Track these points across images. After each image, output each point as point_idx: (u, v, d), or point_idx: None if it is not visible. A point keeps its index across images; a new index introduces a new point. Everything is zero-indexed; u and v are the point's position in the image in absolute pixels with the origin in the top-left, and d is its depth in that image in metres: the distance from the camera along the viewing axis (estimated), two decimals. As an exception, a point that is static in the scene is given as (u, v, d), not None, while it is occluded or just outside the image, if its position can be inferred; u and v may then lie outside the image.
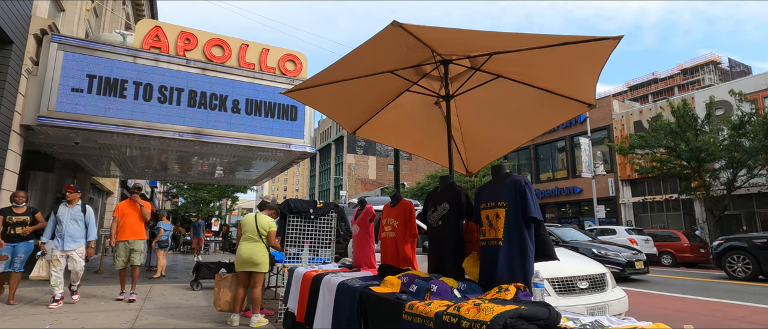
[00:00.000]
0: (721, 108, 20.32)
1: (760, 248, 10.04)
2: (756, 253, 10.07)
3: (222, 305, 5.14)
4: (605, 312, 4.16)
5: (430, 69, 3.43)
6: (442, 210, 3.10)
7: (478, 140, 4.00)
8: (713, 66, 62.15)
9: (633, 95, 66.65)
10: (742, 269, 10.43)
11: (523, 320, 1.71)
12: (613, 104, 27.51)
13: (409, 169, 59.94)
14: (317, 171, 76.05)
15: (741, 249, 10.41)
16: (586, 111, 3.17)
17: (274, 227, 5.09)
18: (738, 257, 10.56)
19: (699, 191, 18.55)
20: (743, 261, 10.47)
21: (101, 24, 12.44)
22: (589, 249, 10.17)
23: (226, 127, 8.29)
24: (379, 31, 2.41)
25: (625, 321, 1.84)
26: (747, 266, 10.36)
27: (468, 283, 2.58)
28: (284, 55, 9.19)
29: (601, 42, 2.34)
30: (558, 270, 4.26)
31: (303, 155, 9.37)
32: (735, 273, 10.62)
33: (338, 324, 2.96)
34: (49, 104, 7.04)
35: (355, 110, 3.86)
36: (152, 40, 8.07)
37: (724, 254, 10.95)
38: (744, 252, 10.43)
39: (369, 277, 3.31)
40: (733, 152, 16.65)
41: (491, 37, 2.58)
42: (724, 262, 10.91)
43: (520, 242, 2.49)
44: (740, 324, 5.56)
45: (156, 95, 7.80)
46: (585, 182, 25.99)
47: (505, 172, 2.74)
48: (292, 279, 4.21)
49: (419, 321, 2.09)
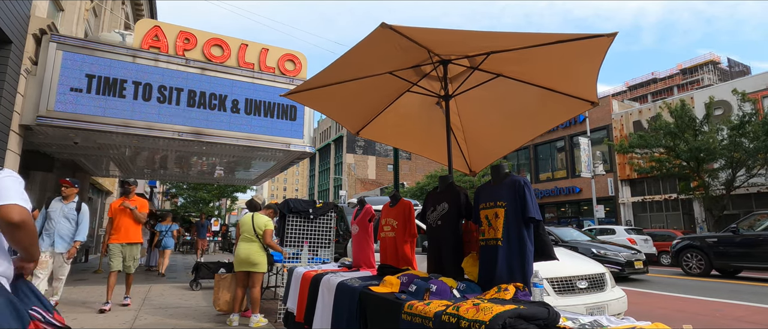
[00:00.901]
0: (720, 108, 20.34)
1: (711, 246, 10.73)
2: (708, 251, 10.78)
3: (221, 305, 5.16)
4: (604, 312, 4.17)
5: (429, 69, 3.43)
6: (442, 210, 3.10)
7: (481, 139, 4.00)
8: (712, 66, 62.21)
9: (632, 95, 66.71)
10: (696, 265, 11.15)
11: (522, 320, 1.71)
12: (612, 103, 27.53)
13: (409, 169, 59.94)
14: (317, 171, 76.05)
15: (695, 247, 11.17)
16: (588, 109, 3.17)
17: (270, 226, 5.10)
18: (692, 255, 11.23)
19: (698, 191, 18.57)
20: (696, 258, 11.13)
21: (100, 24, 12.43)
22: (588, 249, 10.18)
23: (225, 127, 8.28)
24: (368, 34, 2.41)
25: (624, 320, 1.85)
26: (700, 263, 11.04)
27: (467, 283, 2.58)
28: (284, 55, 9.19)
29: (597, 39, 2.35)
30: (557, 269, 4.26)
31: (302, 155, 9.37)
32: (690, 270, 11.20)
33: (337, 324, 2.96)
34: (48, 104, 7.03)
35: (356, 111, 3.87)
36: (151, 39, 8.07)
37: (680, 252, 11.56)
38: (697, 250, 11.10)
39: (368, 277, 3.31)
40: (732, 152, 16.66)
41: (488, 36, 2.58)
42: (681, 259, 11.56)
43: (519, 242, 2.49)
44: (740, 324, 5.56)
45: (155, 94, 7.79)
46: (584, 181, 26.01)
47: (505, 172, 2.74)
48: (291, 278, 4.21)
49: (418, 320, 2.09)
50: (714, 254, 10.69)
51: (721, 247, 10.60)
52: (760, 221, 10.80)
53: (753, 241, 10.07)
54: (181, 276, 9.77)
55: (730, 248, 10.43)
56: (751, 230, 10.57)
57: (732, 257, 10.36)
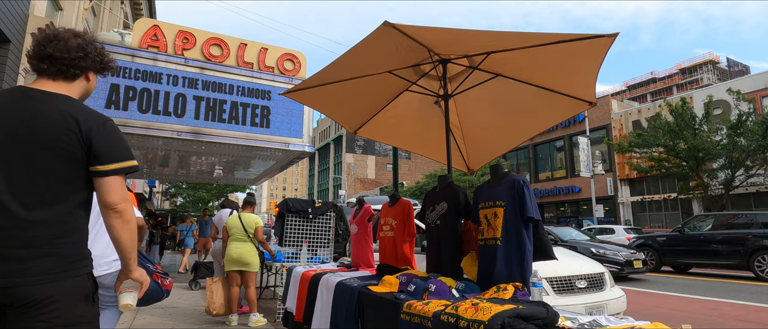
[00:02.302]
0: (719, 108, 20.36)
1: (661, 244, 11.84)
2: (657, 248, 11.87)
3: (217, 309, 5.03)
4: (603, 312, 4.17)
5: (428, 69, 3.43)
6: (441, 210, 3.10)
7: (479, 138, 4.00)
8: (712, 66, 62.26)
9: (631, 95, 66.75)
10: (649, 261, 11.90)
11: (521, 319, 1.71)
12: (611, 103, 27.55)
13: (408, 168, 59.95)
14: (316, 171, 76.02)
15: (648, 246, 12.14)
16: (586, 110, 3.17)
17: (260, 223, 5.13)
18: (646, 252, 12.02)
19: (697, 190, 18.59)
20: (649, 255, 12.01)
21: (99, 23, 12.41)
22: (587, 249, 10.18)
23: (224, 126, 8.27)
24: (371, 32, 2.40)
25: (623, 320, 1.84)
26: (652, 259, 11.97)
27: (466, 283, 2.58)
28: (283, 55, 9.18)
29: (598, 40, 2.35)
30: (556, 269, 4.26)
31: (302, 154, 9.36)
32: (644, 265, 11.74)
33: (336, 324, 2.96)
34: (46, 104, 7.03)
35: (355, 110, 3.86)
36: (150, 39, 8.06)
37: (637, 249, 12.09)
38: (650, 248, 12.07)
39: (367, 277, 3.31)
40: (731, 151, 16.68)
41: (487, 36, 2.58)
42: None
43: (518, 242, 2.49)
44: (739, 323, 5.57)
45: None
46: (584, 181, 26.03)
47: (504, 171, 2.73)
48: (290, 278, 4.21)
49: (417, 320, 2.09)
50: (663, 251, 11.74)
51: (668, 245, 11.65)
52: (703, 221, 11.85)
53: (695, 240, 11.22)
54: (180, 276, 9.77)
55: (676, 246, 11.52)
56: (695, 230, 11.59)
57: (678, 254, 11.44)
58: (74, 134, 1.38)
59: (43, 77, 1.48)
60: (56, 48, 1.46)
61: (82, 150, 1.39)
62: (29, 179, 1.33)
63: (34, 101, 1.39)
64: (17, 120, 1.35)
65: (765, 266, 9.89)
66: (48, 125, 1.36)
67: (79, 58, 1.49)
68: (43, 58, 1.45)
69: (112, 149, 1.43)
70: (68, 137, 1.37)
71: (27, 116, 1.35)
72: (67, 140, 1.37)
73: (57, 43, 1.47)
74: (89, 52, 1.54)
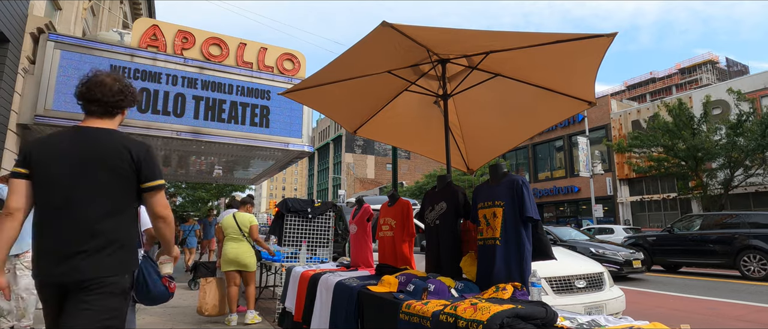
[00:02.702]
0: (718, 107, 20.37)
1: (651, 244, 12.03)
2: (648, 248, 12.00)
3: (209, 310, 4.97)
4: (602, 311, 4.17)
5: (427, 68, 3.43)
6: (440, 210, 3.10)
7: (478, 138, 4.01)
8: (711, 65, 62.32)
9: (631, 95, 66.78)
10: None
11: (519, 319, 1.71)
12: (611, 103, 27.57)
13: (408, 168, 59.96)
14: (316, 170, 76.02)
15: (638, 245, 12.29)
16: (586, 109, 3.17)
17: (254, 222, 5.12)
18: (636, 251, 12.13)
19: (696, 190, 18.59)
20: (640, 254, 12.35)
21: (98, 23, 12.40)
22: (586, 248, 10.19)
23: (224, 126, 8.27)
24: (369, 32, 2.40)
25: (622, 320, 1.85)
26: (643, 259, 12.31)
27: (465, 282, 2.58)
28: (282, 54, 9.18)
29: (597, 39, 2.35)
30: (556, 269, 4.26)
31: (301, 154, 9.36)
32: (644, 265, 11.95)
33: (335, 324, 2.96)
34: (45, 103, 7.02)
35: (354, 110, 3.86)
36: (149, 39, 8.05)
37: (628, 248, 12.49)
38: (640, 247, 12.15)
39: (366, 276, 3.31)
40: (730, 151, 16.69)
41: (486, 36, 2.58)
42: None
43: (517, 242, 2.49)
44: (739, 323, 5.57)
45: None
46: (583, 181, 26.04)
47: (503, 171, 2.73)
48: (289, 278, 4.20)
49: (416, 320, 2.09)
50: (653, 251, 11.90)
51: (658, 245, 11.85)
52: (693, 222, 12.10)
53: (684, 240, 11.47)
54: (179, 276, 9.76)
55: (665, 246, 11.73)
56: (685, 230, 11.81)
57: (668, 253, 11.65)
58: (127, 160, 1.80)
59: (92, 117, 1.89)
60: (103, 93, 1.86)
61: (133, 173, 1.82)
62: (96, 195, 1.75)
63: (93, 136, 1.82)
64: (84, 151, 1.77)
65: (751, 265, 10.13)
66: (107, 153, 1.78)
67: (120, 100, 1.91)
68: (92, 101, 1.86)
69: (155, 170, 1.87)
70: (123, 162, 1.79)
71: (90, 148, 1.78)
72: (123, 165, 1.79)
73: (102, 88, 1.86)
74: (127, 94, 1.94)
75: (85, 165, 1.76)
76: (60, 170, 1.75)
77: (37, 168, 1.76)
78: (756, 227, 10.45)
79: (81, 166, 1.75)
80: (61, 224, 1.72)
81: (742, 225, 10.75)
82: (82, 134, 1.82)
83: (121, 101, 1.91)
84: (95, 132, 1.83)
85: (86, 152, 1.78)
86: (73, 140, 1.79)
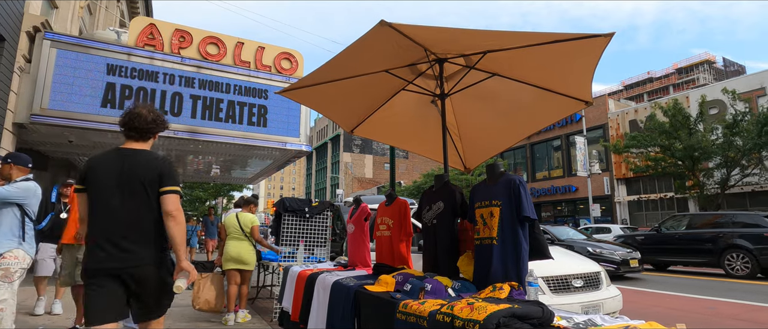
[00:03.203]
0: (715, 107, 20.45)
1: (640, 243, 12.27)
2: (637, 247, 12.10)
3: (201, 304, 4.95)
4: (599, 311, 4.18)
5: (425, 68, 3.42)
6: (437, 209, 3.10)
7: (475, 137, 4.00)
8: (708, 65, 62.54)
9: (628, 94, 66.96)
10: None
11: (516, 319, 1.71)
12: (608, 102, 27.63)
13: (406, 168, 59.97)
14: (314, 170, 75.96)
15: (628, 244, 12.41)
16: (583, 109, 3.17)
17: (256, 222, 5.22)
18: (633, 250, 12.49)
19: (693, 189, 18.66)
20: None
21: (95, 21, 12.35)
22: (584, 248, 10.21)
23: (221, 125, 8.25)
24: (367, 31, 2.40)
25: (618, 319, 1.85)
26: None
27: (462, 282, 2.57)
28: (280, 54, 9.16)
29: (594, 39, 2.35)
30: (553, 268, 4.27)
31: (299, 153, 9.35)
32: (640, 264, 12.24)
33: (332, 323, 2.95)
34: (41, 102, 6.99)
35: (351, 109, 3.86)
36: (146, 37, 8.03)
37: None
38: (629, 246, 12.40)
39: (364, 276, 3.30)
40: (726, 150, 16.75)
41: (484, 35, 2.57)
42: None
43: (514, 241, 2.49)
44: (735, 322, 5.60)
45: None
46: (580, 180, 26.10)
47: (500, 171, 2.73)
48: (287, 278, 4.20)
49: (413, 320, 2.09)
50: (641, 250, 11.90)
51: (646, 244, 12.10)
52: (680, 221, 12.40)
53: (671, 239, 11.79)
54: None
55: (654, 245, 12.02)
56: (672, 230, 12.09)
57: (656, 252, 11.91)
58: (156, 174, 2.29)
59: (130, 140, 2.40)
60: (140, 122, 2.38)
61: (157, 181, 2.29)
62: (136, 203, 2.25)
63: (130, 156, 2.33)
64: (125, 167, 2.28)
65: (734, 263, 10.41)
66: (141, 169, 2.29)
67: (152, 127, 2.43)
68: (132, 129, 2.38)
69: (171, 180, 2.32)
70: (153, 175, 2.29)
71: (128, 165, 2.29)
72: (153, 177, 2.28)
73: (140, 119, 2.37)
74: (158, 122, 2.45)
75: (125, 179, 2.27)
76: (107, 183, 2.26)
77: (89, 182, 2.28)
78: (740, 226, 10.72)
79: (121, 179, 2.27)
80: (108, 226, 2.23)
81: (726, 225, 11.01)
82: (124, 154, 2.34)
83: (154, 128, 2.45)
84: (133, 153, 2.35)
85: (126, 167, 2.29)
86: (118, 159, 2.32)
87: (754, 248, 10.13)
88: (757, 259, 10.05)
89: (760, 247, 10.07)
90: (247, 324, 4.93)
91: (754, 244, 10.16)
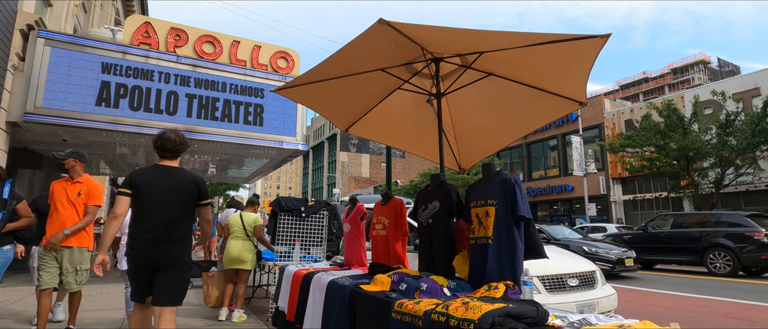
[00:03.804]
0: (709, 107, 20.57)
1: (626, 241, 12.48)
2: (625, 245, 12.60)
3: (213, 301, 5.24)
4: (595, 310, 4.20)
5: (421, 67, 3.42)
6: (433, 208, 3.10)
7: (470, 137, 4.00)
8: (703, 66, 62.92)
9: (624, 94, 67.25)
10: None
11: (510, 318, 1.71)
12: (604, 102, 27.74)
13: (403, 167, 59.99)
14: (310, 169, 75.86)
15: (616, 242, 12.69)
16: (578, 109, 3.18)
17: (259, 221, 5.35)
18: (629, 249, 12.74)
19: (688, 189, 18.76)
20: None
21: (90, 20, 12.27)
22: (579, 247, 10.25)
23: (217, 124, 8.22)
24: (366, 29, 2.39)
25: (612, 318, 1.85)
26: None
27: (458, 281, 2.58)
28: (276, 52, 9.14)
29: (590, 40, 2.35)
30: (548, 267, 4.28)
31: (295, 152, 9.34)
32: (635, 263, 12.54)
33: (327, 323, 2.95)
34: (35, 101, 6.94)
35: (347, 108, 3.85)
36: (142, 36, 7.98)
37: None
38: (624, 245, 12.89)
39: (359, 275, 3.30)
40: (721, 150, 16.85)
41: (480, 35, 2.57)
42: None
43: (509, 241, 2.50)
44: (729, 321, 5.64)
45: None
46: (576, 180, 26.20)
47: (496, 170, 2.73)
48: (282, 277, 4.19)
49: (408, 319, 2.09)
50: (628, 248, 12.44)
51: (633, 243, 12.18)
52: (666, 220, 12.72)
53: (657, 238, 12.11)
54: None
55: (640, 243, 12.12)
56: (658, 229, 12.38)
57: (642, 251, 11.92)
58: (194, 187, 2.95)
59: (165, 159, 2.99)
60: (170, 145, 2.97)
61: (196, 195, 2.97)
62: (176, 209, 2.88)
63: (170, 171, 2.96)
64: (166, 181, 2.90)
65: (717, 262, 10.72)
66: (181, 183, 2.93)
67: (180, 148, 3.03)
68: (164, 150, 2.97)
69: (206, 194, 3.05)
70: (191, 188, 2.94)
71: (170, 179, 2.91)
72: (191, 189, 2.94)
73: (169, 142, 2.96)
74: (184, 144, 3.06)
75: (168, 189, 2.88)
76: (154, 192, 2.84)
77: (139, 190, 2.83)
78: (723, 226, 11.02)
79: (165, 189, 2.87)
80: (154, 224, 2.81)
81: (710, 224, 11.34)
82: (163, 169, 2.95)
83: (181, 149, 3.04)
84: (171, 169, 2.97)
85: (168, 181, 2.90)
86: (161, 173, 2.93)
87: (735, 247, 10.43)
88: (739, 258, 10.36)
89: (741, 246, 10.35)
90: (242, 324, 4.94)
91: (736, 243, 10.46)
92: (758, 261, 10.25)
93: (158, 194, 2.82)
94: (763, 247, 10.15)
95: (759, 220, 10.89)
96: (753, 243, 10.27)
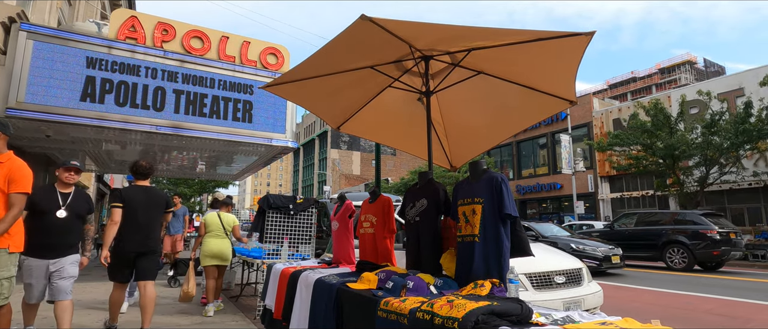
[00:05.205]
0: (695, 107, 20.90)
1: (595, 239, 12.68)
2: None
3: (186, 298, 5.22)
4: (581, 306, 4.25)
5: (411, 65, 3.41)
6: (421, 206, 3.10)
7: (461, 135, 4.01)
8: (689, 66, 63.94)
9: (612, 94, 68.07)
10: None
11: (494, 316, 1.72)
12: (593, 101, 28.04)
13: (394, 164, 60.01)
14: (301, 166, 75.50)
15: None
16: (567, 108, 3.20)
17: (237, 222, 5.76)
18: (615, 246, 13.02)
19: (673, 187, 19.06)
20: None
21: (75, 13, 12.03)
22: (567, 244, 10.37)
23: (205, 121, 8.12)
24: (348, 26, 2.37)
25: (596, 316, 1.87)
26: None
27: (445, 279, 2.58)
28: (266, 48, 9.05)
29: (576, 38, 2.36)
30: (535, 264, 4.32)
31: (285, 149, 9.27)
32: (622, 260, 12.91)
33: (314, 321, 2.94)
34: (18, 96, 6.78)
35: (338, 106, 3.83)
36: (128, 30, 7.84)
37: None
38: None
39: (347, 273, 3.29)
40: (705, 149, 17.14)
41: (466, 31, 2.58)
42: None
43: (495, 239, 2.51)
44: (708, 316, 5.75)
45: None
46: (565, 178, 26.47)
47: (483, 168, 2.74)
48: (270, 275, 4.16)
49: (394, 317, 2.09)
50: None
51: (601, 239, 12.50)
52: (630, 218, 13.52)
53: (622, 235, 12.93)
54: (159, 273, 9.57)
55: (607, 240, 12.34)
56: (624, 227, 13.23)
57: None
58: (163, 201, 4.32)
59: (139, 180, 4.28)
60: (141, 170, 4.28)
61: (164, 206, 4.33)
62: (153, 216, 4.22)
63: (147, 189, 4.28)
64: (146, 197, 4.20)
65: (674, 257, 11.60)
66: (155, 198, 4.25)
67: (149, 172, 4.35)
68: (139, 174, 4.27)
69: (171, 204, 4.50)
70: (161, 202, 4.30)
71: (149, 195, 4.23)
72: (160, 202, 4.29)
73: (140, 167, 4.27)
74: (152, 168, 4.37)
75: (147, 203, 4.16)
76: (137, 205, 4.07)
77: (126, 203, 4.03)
78: (680, 224, 11.78)
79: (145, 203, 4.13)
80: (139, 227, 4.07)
81: (668, 222, 12.11)
82: (142, 188, 4.23)
83: (151, 172, 4.34)
84: (147, 188, 4.28)
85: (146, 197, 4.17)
86: (139, 191, 4.19)
87: (690, 243, 11.22)
88: (693, 253, 11.10)
89: (695, 243, 11.16)
90: (230, 322, 4.90)
91: (691, 240, 11.26)
92: (711, 256, 11.01)
93: (141, 207, 4.05)
94: (716, 244, 10.91)
95: (713, 218, 11.61)
96: (706, 240, 11.02)
